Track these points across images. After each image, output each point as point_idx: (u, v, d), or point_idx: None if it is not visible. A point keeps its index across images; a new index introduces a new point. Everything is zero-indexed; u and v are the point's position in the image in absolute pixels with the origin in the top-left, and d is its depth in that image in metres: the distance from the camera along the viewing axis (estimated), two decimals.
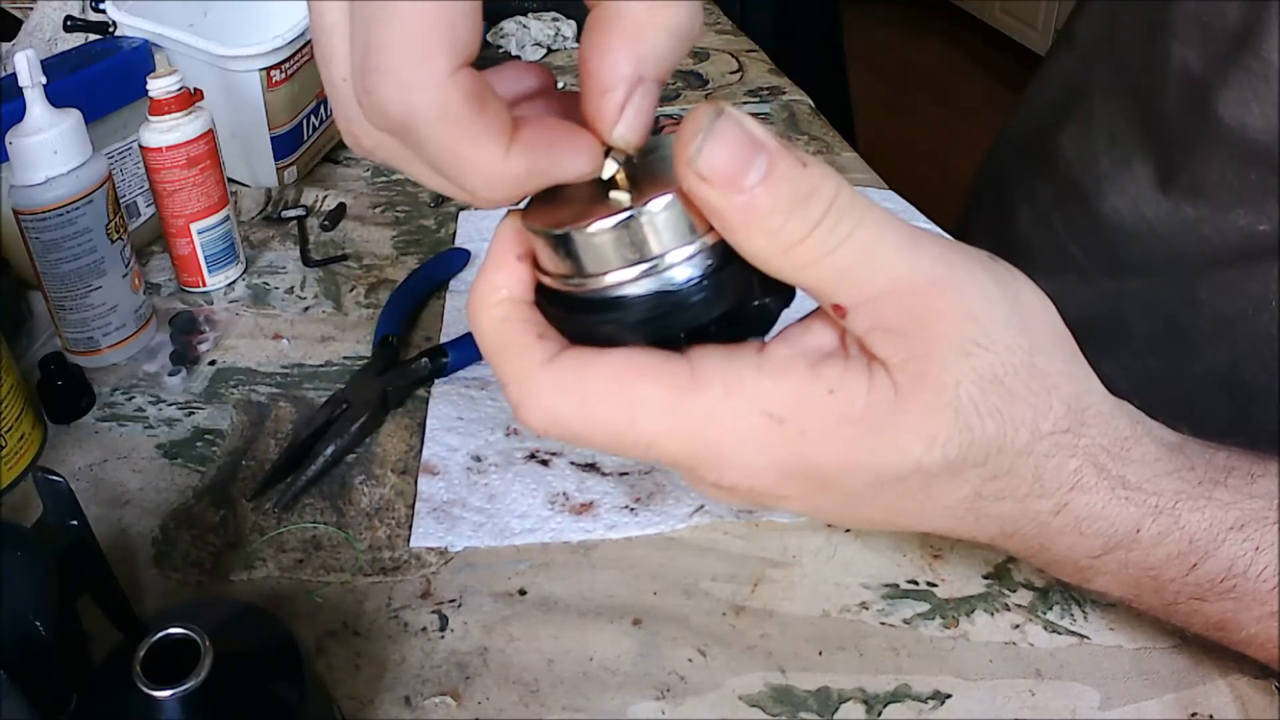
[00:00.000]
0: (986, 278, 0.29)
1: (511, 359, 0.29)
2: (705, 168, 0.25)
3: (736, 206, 0.25)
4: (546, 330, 0.29)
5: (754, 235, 0.26)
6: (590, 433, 0.28)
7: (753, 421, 0.28)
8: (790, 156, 0.25)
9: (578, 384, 0.28)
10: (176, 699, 0.30)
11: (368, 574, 0.46)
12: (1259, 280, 0.48)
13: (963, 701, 0.40)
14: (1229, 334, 0.51)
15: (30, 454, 0.52)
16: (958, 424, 0.28)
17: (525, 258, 0.29)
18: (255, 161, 0.78)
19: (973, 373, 0.28)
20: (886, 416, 0.28)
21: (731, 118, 0.25)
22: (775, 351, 0.29)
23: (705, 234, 0.27)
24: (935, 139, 2.92)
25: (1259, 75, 0.45)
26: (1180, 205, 0.51)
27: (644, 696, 0.40)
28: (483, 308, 0.29)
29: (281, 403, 0.56)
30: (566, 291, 0.28)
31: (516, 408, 0.29)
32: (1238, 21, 0.46)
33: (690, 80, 0.99)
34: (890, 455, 0.28)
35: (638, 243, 0.26)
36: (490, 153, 0.25)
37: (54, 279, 0.57)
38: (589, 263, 0.27)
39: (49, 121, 0.54)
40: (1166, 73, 0.51)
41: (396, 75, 0.23)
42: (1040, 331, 0.30)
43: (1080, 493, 0.31)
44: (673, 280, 0.26)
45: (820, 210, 0.26)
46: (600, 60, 0.25)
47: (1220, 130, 0.48)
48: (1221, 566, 0.33)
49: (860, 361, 0.29)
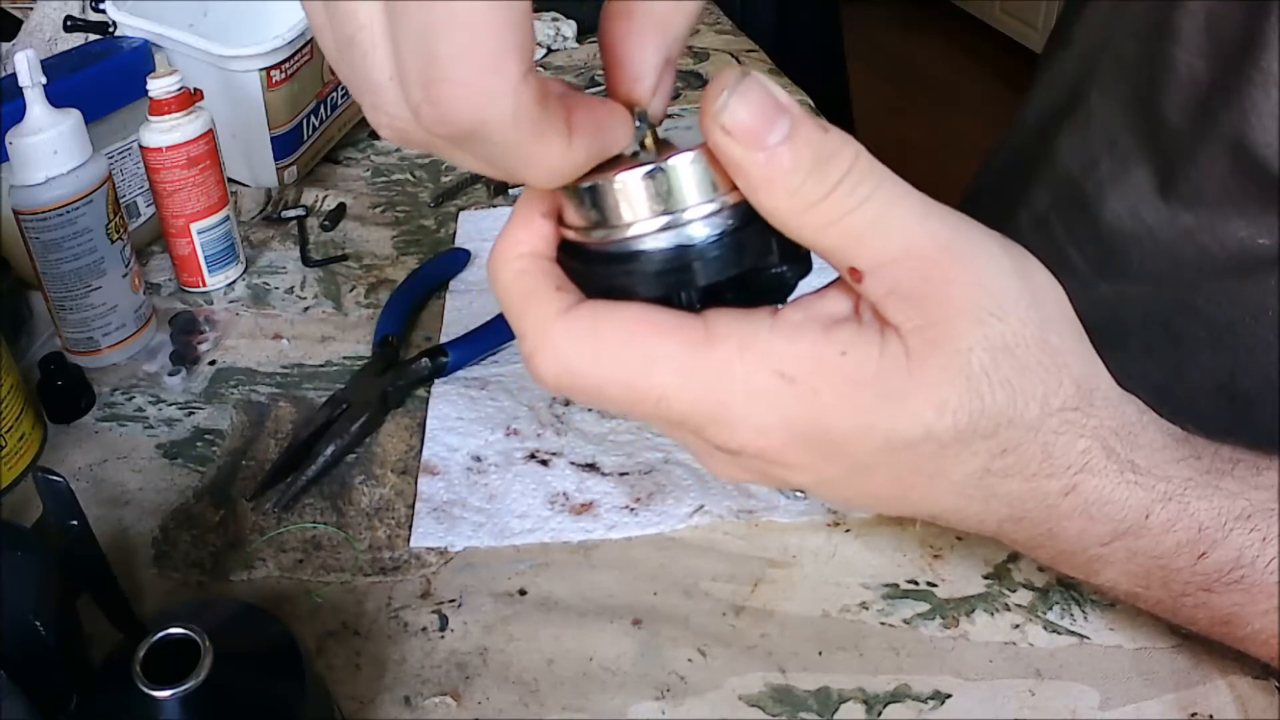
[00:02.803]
0: (1000, 251, 0.29)
1: (528, 308, 0.29)
2: (730, 121, 0.26)
3: (759, 162, 0.26)
4: (564, 283, 0.29)
5: (775, 192, 0.26)
6: (602, 384, 0.29)
7: (764, 379, 0.28)
8: (812, 120, 0.26)
9: (592, 334, 0.28)
10: (176, 699, 0.30)
11: (368, 574, 0.46)
12: (1257, 289, 0.48)
13: (963, 701, 0.40)
14: (1227, 341, 0.51)
15: (30, 454, 0.52)
16: (970, 390, 0.28)
17: (549, 215, 0.29)
18: (255, 161, 0.78)
19: (985, 340, 0.28)
20: (898, 381, 0.28)
21: (756, 79, 0.26)
22: (789, 314, 0.29)
23: (727, 193, 0.27)
24: (935, 139, 2.92)
25: (1259, 86, 0.45)
26: (1179, 212, 0.51)
27: (644, 696, 0.40)
28: (503, 260, 0.30)
29: (281, 403, 0.56)
30: (588, 244, 0.28)
31: (530, 358, 0.29)
32: (1240, 30, 0.46)
33: (690, 80, 0.99)
34: (901, 420, 0.28)
35: (662, 194, 0.27)
36: (557, 148, 0.25)
37: (54, 279, 0.57)
38: (613, 214, 0.27)
39: (49, 121, 0.54)
40: (1168, 78, 0.51)
41: (470, 87, 0.22)
42: (1051, 309, 0.30)
43: (1089, 475, 0.31)
44: (693, 235, 0.27)
45: (839, 173, 0.27)
46: (632, 49, 0.27)
47: (1221, 139, 0.47)
48: (1230, 556, 0.33)
49: (873, 326, 0.29)
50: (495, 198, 0.79)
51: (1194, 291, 0.51)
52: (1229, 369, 0.51)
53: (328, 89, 0.81)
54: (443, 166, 0.83)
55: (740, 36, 1.11)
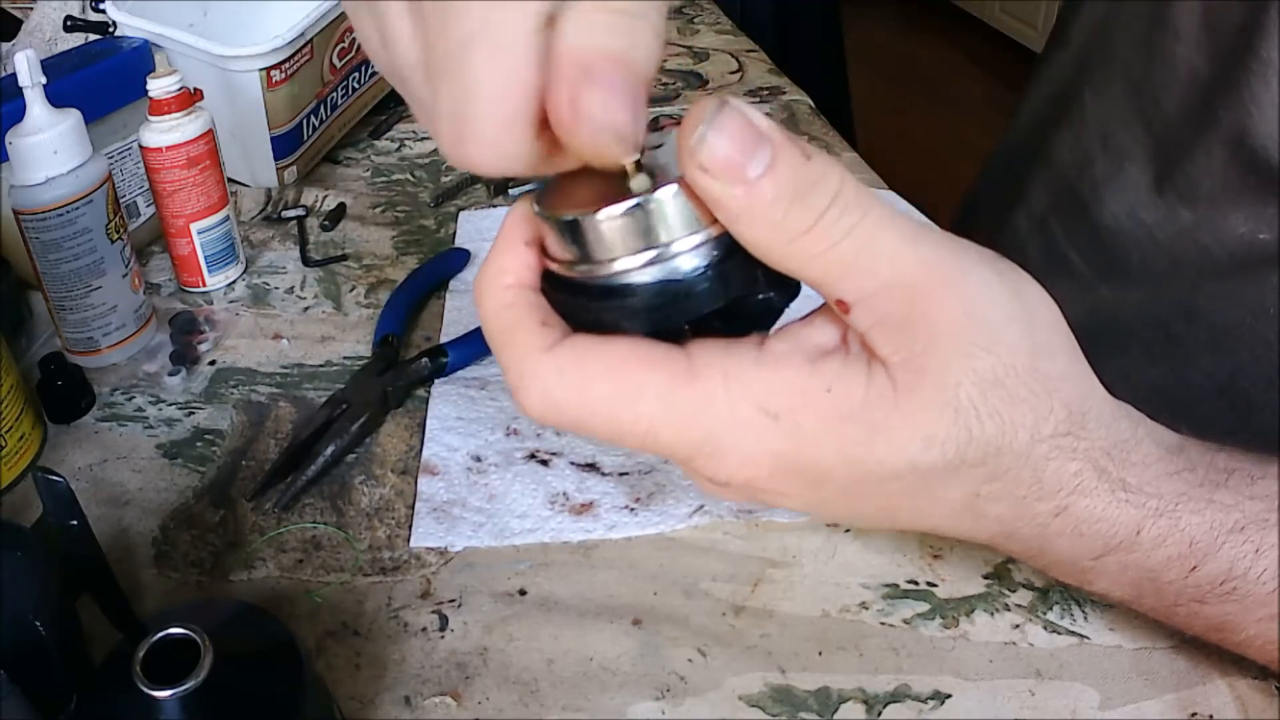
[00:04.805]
0: (991, 275, 0.29)
1: (513, 343, 0.29)
2: (707, 158, 0.25)
3: (738, 197, 0.25)
4: (550, 317, 0.29)
5: (756, 226, 0.26)
6: (588, 418, 0.28)
7: (749, 414, 0.28)
8: (794, 148, 0.26)
9: (577, 370, 0.28)
10: (176, 699, 0.30)
11: (368, 574, 0.46)
12: (1258, 289, 0.48)
13: (963, 701, 0.40)
14: (1228, 343, 0.50)
15: (30, 454, 0.52)
16: (957, 423, 0.28)
17: (533, 244, 0.29)
18: (255, 161, 0.78)
19: (974, 374, 0.28)
20: (884, 414, 0.28)
21: (735, 109, 0.25)
22: (775, 346, 0.29)
23: (711, 225, 0.27)
24: (935, 139, 2.92)
25: (1259, 76, 0.45)
26: (1176, 209, 0.51)
27: (644, 696, 0.40)
28: (488, 292, 0.29)
29: (281, 403, 0.56)
30: (572, 278, 0.28)
31: (516, 392, 0.29)
32: (1240, 20, 0.46)
33: (690, 80, 0.99)
34: (887, 453, 0.28)
35: (644, 230, 0.26)
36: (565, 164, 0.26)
37: (54, 279, 0.57)
38: (596, 249, 0.27)
39: (49, 121, 0.54)
40: (1166, 73, 0.51)
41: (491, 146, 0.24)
42: (1043, 332, 0.30)
43: (1080, 495, 0.31)
44: (678, 269, 0.27)
45: (824, 203, 0.26)
46: None
47: (1220, 131, 0.47)
48: (1221, 569, 0.33)
49: (860, 359, 0.28)
50: (495, 198, 0.79)
51: (1194, 292, 0.51)
52: (1229, 371, 0.51)
53: (328, 89, 0.81)
54: (443, 166, 0.83)
55: (740, 36, 1.11)
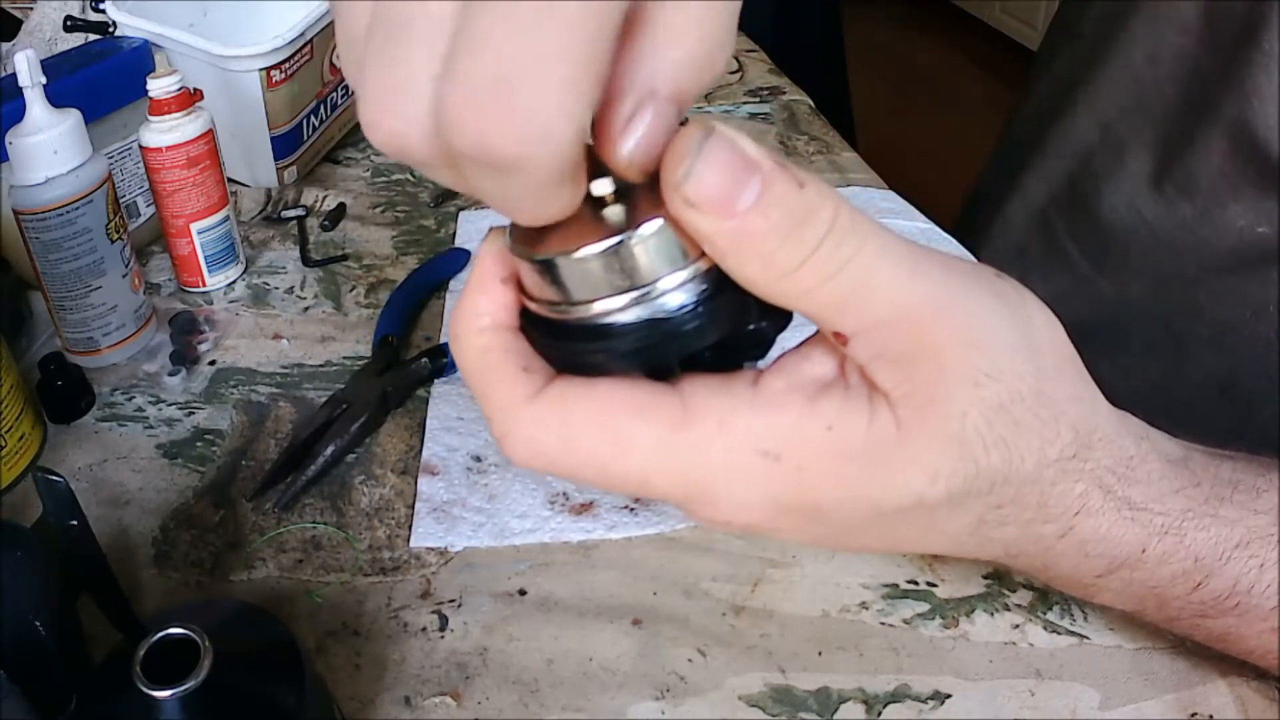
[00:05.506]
0: (993, 300, 0.28)
1: (495, 393, 0.27)
2: (693, 193, 0.23)
3: (727, 232, 0.23)
4: (532, 361, 0.27)
5: (747, 261, 0.24)
6: (576, 468, 0.27)
7: (747, 459, 0.27)
8: (786, 177, 0.24)
9: (563, 421, 0.26)
10: (176, 699, 0.30)
11: (368, 574, 0.46)
12: (1258, 286, 0.48)
13: (963, 701, 0.40)
14: (1228, 339, 0.50)
15: (30, 454, 0.52)
16: (963, 456, 0.27)
17: (509, 281, 0.27)
18: (255, 161, 0.78)
19: (979, 404, 0.27)
20: (888, 451, 0.27)
21: (722, 138, 0.23)
22: (770, 384, 0.27)
23: (698, 259, 0.25)
24: (935, 139, 2.91)
25: (1261, 68, 0.45)
26: (1176, 201, 0.51)
27: (644, 696, 0.40)
28: (465, 335, 0.27)
29: (281, 403, 0.56)
30: (553, 319, 0.26)
31: (500, 441, 0.27)
32: (1241, 12, 0.46)
33: None
34: (891, 490, 0.27)
35: (627, 269, 0.24)
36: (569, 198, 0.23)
37: (54, 279, 0.57)
38: (575, 290, 0.25)
39: (49, 121, 0.54)
40: (1167, 65, 0.51)
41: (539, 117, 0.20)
42: (1048, 355, 0.29)
43: (1086, 516, 0.31)
44: (664, 307, 0.25)
45: (818, 234, 0.24)
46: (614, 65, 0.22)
47: (1221, 123, 0.47)
48: (1226, 585, 0.33)
49: (861, 392, 0.27)
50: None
51: (1195, 288, 0.51)
52: (1230, 368, 0.51)
53: (328, 89, 0.81)
54: None
55: (740, 36, 1.11)
